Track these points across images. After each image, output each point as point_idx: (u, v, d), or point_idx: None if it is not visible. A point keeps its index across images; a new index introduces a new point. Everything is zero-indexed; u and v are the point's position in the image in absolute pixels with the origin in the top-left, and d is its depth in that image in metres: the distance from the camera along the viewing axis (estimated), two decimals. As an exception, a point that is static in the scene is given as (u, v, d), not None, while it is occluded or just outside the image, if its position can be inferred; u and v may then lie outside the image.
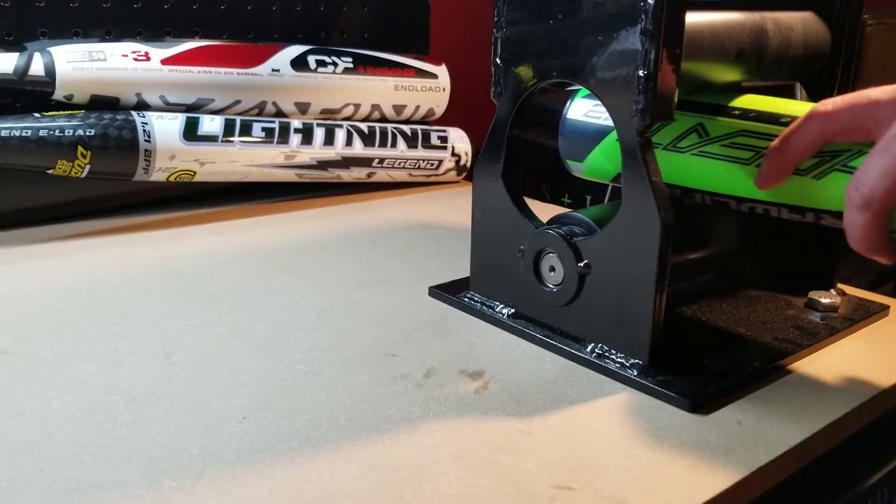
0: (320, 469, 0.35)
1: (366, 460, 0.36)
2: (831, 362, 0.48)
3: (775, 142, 0.44)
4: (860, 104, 0.40)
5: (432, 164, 0.86)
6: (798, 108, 0.46)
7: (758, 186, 0.46)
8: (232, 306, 0.54)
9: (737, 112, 0.48)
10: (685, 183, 0.49)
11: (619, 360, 0.45)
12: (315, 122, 0.78)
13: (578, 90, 0.54)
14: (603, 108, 0.51)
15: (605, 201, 0.89)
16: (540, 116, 0.63)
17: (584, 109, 0.53)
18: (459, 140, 0.88)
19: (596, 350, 0.46)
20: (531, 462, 0.37)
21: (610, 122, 0.50)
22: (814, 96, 0.55)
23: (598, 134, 0.52)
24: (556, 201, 0.96)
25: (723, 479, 0.36)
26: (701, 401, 0.42)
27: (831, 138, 0.42)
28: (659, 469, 0.36)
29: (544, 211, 0.53)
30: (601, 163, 0.52)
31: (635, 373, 0.44)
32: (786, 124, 0.45)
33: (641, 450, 0.38)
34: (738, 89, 0.51)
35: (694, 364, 0.45)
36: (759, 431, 0.40)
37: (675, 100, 0.42)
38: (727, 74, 0.50)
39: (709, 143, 0.48)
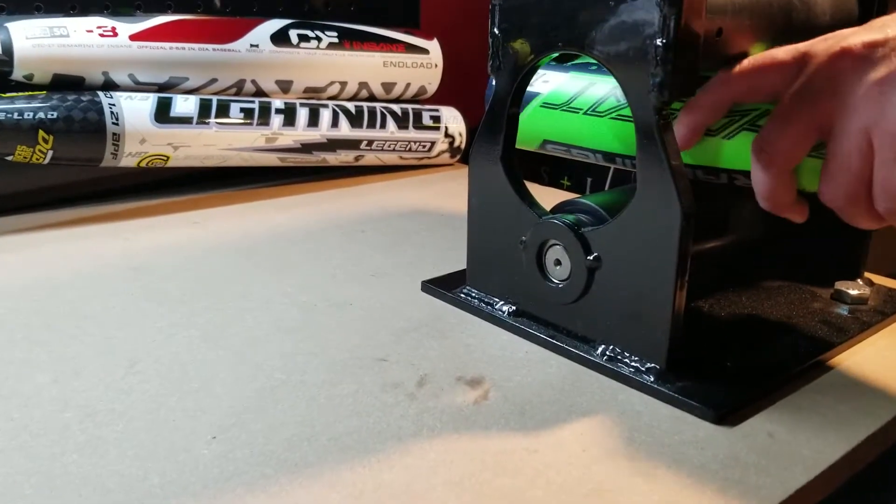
0: (298, 500, 0.31)
1: (350, 488, 0.32)
2: (864, 361, 0.44)
3: (685, 104, 0.42)
4: (764, 64, 0.40)
5: (424, 146, 0.81)
6: None
7: None
8: (206, 305, 0.49)
9: None
10: (602, 147, 0.47)
11: (633, 363, 0.41)
12: (298, 101, 0.74)
13: None
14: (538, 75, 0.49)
15: (608, 183, 0.85)
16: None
17: None
18: (453, 120, 0.83)
19: (607, 352, 0.42)
20: (539, 487, 0.32)
21: (532, 89, 0.48)
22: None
23: (524, 101, 0.49)
24: (555, 184, 0.91)
25: (758, 506, 0.31)
26: (727, 410, 0.37)
27: (739, 99, 0.41)
28: (684, 493, 0.32)
29: (545, 195, 0.49)
30: (526, 129, 0.49)
31: (652, 378, 0.39)
32: None
33: (663, 470, 0.34)
34: None
35: (716, 367, 0.41)
36: (794, 446, 0.35)
37: (699, 73, 0.38)
38: (747, 45, 0.45)
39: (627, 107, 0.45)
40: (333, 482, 0.32)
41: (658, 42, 0.36)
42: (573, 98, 0.47)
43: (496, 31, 0.44)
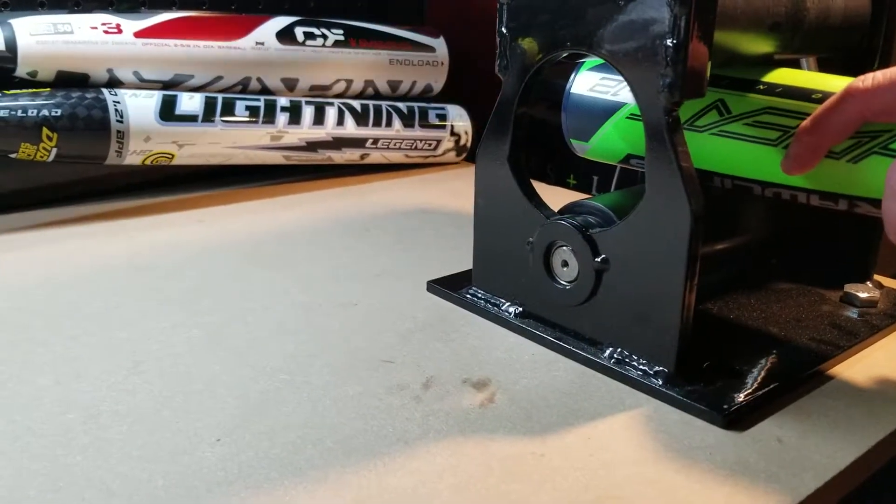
0: (302, 503, 0.31)
1: (356, 493, 0.31)
2: (874, 365, 0.43)
3: (806, 122, 0.39)
4: None
5: (430, 145, 0.81)
6: (831, 82, 0.41)
7: (785, 171, 0.41)
8: (209, 306, 0.49)
9: (762, 87, 0.43)
10: (703, 165, 0.44)
11: (641, 366, 0.40)
12: (303, 99, 0.73)
13: (584, 62, 0.49)
14: (611, 82, 0.47)
15: (614, 182, 0.84)
16: (543, 90, 0.58)
17: (589, 83, 0.48)
18: (459, 118, 0.83)
19: (615, 355, 0.41)
20: (546, 492, 0.32)
21: (618, 98, 0.46)
22: (852, 70, 0.49)
23: (606, 111, 0.47)
24: (561, 182, 0.91)
25: (768, 513, 0.31)
26: (736, 415, 0.37)
27: (871, 118, 0.38)
28: (693, 499, 0.32)
29: (551, 195, 0.48)
30: (609, 143, 0.47)
31: (660, 382, 0.39)
32: (818, 101, 0.40)
33: (671, 475, 0.33)
34: (768, 62, 0.46)
35: (725, 370, 0.41)
36: (804, 451, 0.35)
37: (708, 74, 0.37)
38: (760, 46, 0.45)
39: (730, 122, 0.43)
40: (338, 486, 0.32)
41: (668, 42, 0.36)
42: None
43: (504, 30, 0.44)
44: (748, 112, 0.42)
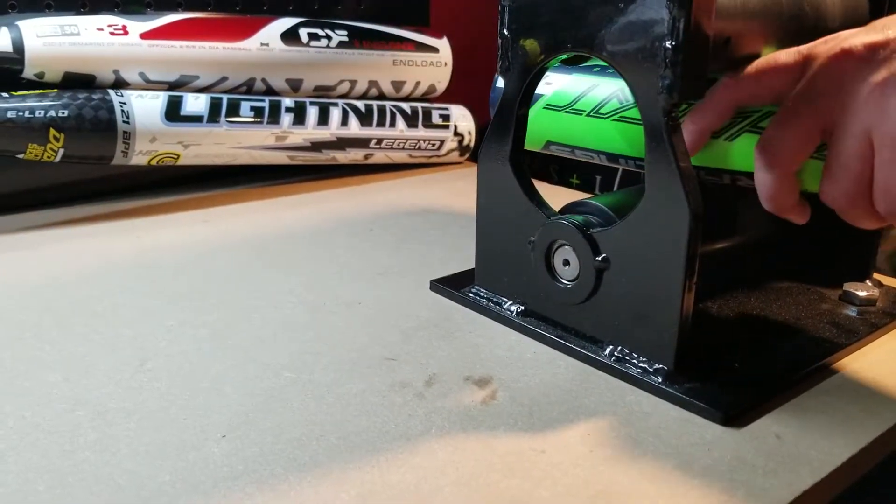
0: (307, 499, 0.31)
1: (359, 488, 0.32)
2: (873, 363, 0.43)
3: (690, 110, 0.42)
4: (767, 67, 0.40)
5: (434, 145, 0.81)
6: None
7: None
8: (215, 304, 0.49)
9: None
10: (606, 149, 0.47)
11: (641, 364, 0.41)
12: (308, 100, 0.74)
13: None
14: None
15: (616, 182, 0.85)
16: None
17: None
18: (462, 118, 0.83)
19: (615, 353, 0.42)
20: (546, 488, 0.32)
21: (537, 91, 0.48)
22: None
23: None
24: (564, 182, 0.91)
25: (765, 508, 0.31)
26: (735, 412, 0.37)
27: (743, 103, 0.41)
28: (691, 495, 0.32)
29: (553, 194, 0.49)
30: (530, 131, 0.49)
31: (660, 379, 0.40)
32: None
33: (670, 472, 0.34)
34: None
35: (724, 368, 0.41)
36: (801, 448, 0.35)
37: (707, 75, 0.38)
38: (757, 47, 0.45)
39: (630, 108, 0.45)
40: (342, 481, 0.32)
41: (667, 44, 0.36)
42: (576, 100, 0.48)
43: (505, 31, 0.44)
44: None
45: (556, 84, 0.49)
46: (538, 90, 0.48)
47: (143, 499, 0.31)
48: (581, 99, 0.48)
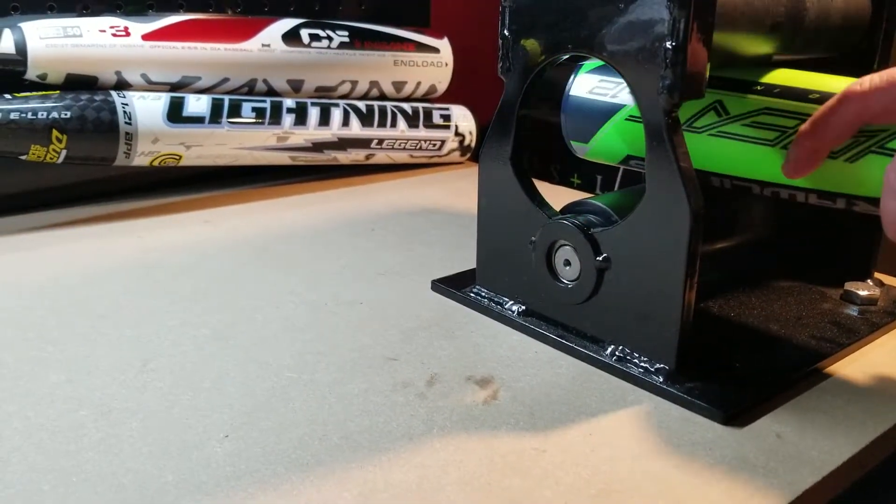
0: (309, 499, 0.31)
1: (361, 487, 0.32)
2: (874, 363, 0.44)
3: (806, 125, 0.39)
4: None
5: (435, 145, 0.82)
6: (828, 82, 0.42)
7: (786, 175, 0.41)
8: (217, 304, 0.49)
9: (759, 88, 0.43)
10: (702, 166, 0.44)
11: (642, 364, 0.41)
12: (309, 100, 0.74)
13: (583, 64, 0.49)
14: (610, 84, 0.47)
15: (617, 182, 0.85)
16: (547, 91, 0.59)
17: (588, 85, 0.49)
18: (463, 118, 0.83)
19: (616, 353, 0.42)
20: (548, 487, 0.32)
21: (617, 100, 0.46)
22: (852, 71, 0.50)
23: (605, 112, 0.47)
24: (565, 182, 0.91)
25: (766, 507, 0.31)
26: (735, 411, 0.38)
27: (869, 120, 0.38)
28: (693, 494, 0.32)
29: (554, 194, 0.49)
30: (608, 144, 0.48)
31: (661, 379, 0.40)
32: (815, 101, 0.41)
33: (671, 471, 0.34)
34: (768, 63, 0.46)
35: (725, 368, 0.41)
36: (802, 447, 0.36)
37: (707, 75, 0.38)
38: (759, 47, 0.45)
39: (728, 123, 0.43)
40: (344, 481, 0.32)
41: (668, 44, 0.37)
42: None
43: (506, 32, 0.45)
44: (746, 113, 0.43)
45: None
46: (619, 100, 0.46)
47: (147, 498, 0.31)
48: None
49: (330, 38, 0.75)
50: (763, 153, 0.42)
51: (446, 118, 0.82)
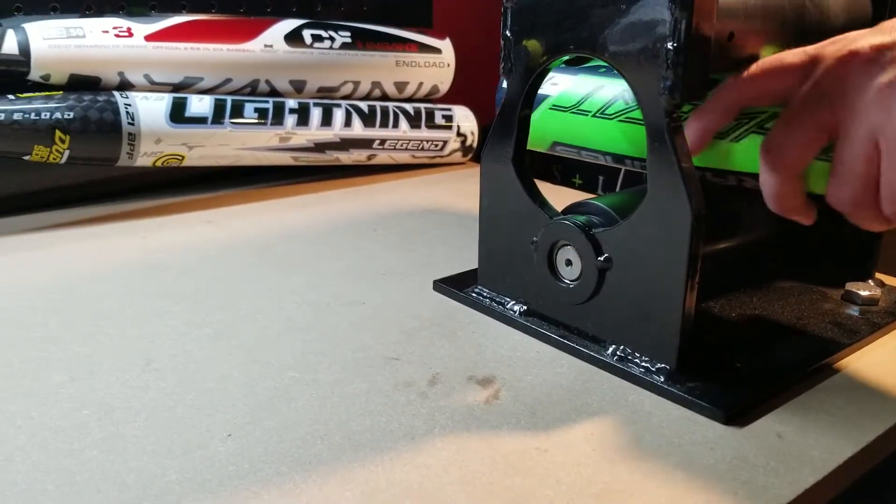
0: (311, 498, 0.31)
1: (364, 486, 0.32)
2: (874, 363, 0.44)
3: (694, 110, 0.42)
4: (773, 68, 0.40)
5: (436, 145, 0.82)
6: None
7: None
8: (219, 304, 0.49)
9: None
10: (616, 150, 0.47)
11: (643, 363, 0.41)
12: (311, 101, 0.74)
13: None
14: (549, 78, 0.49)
15: (619, 182, 0.85)
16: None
17: None
18: (465, 119, 0.83)
19: (617, 353, 0.42)
20: (549, 487, 0.33)
21: (542, 92, 0.48)
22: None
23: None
24: (567, 182, 0.91)
25: (767, 507, 0.32)
26: (736, 411, 0.38)
27: (748, 103, 0.41)
28: (693, 494, 0.32)
29: (556, 195, 0.49)
30: (535, 132, 0.49)
31: (662, 379, 0.40)
32: None
33: (672, 470, 0.34)
34: None
35: (726, 368, 0.41)
36: (802, 447, 0.36)
37: (709, 76, 0.38)
38: (758, 48, 0.45)
39: (636, 110, 0.45)
40: (346, 480, 0.33)
41: (669, 45, 0.37)
42: (582, 100, 0.48)
43: (508, 33, 0.45)
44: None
45: (561, 85, 0.49)
46: (544, 90, 0.49)
47: (150, 497, 0.31)
48: (587, 100, 0.48)
49: (332, 39, 0.75)
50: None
51: (448, 118, 0.82)
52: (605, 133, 0.47)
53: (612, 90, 0.47)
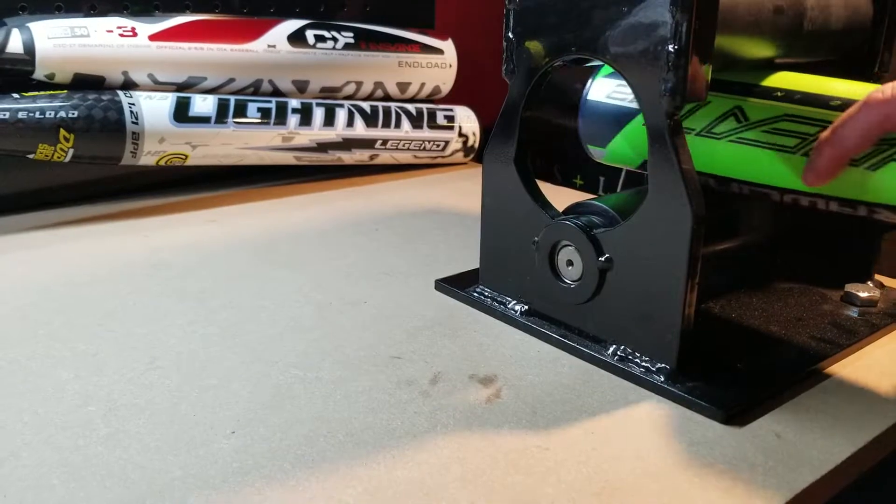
0: (315, 495, 0.32)
1: (366, 484, 0.33)
2: (873, 363, 0.44)
3: (826, 133, 0.39)
4: None
5: (438, 145, 0.82)
6: (846, 88, 0.42)
7: (806, 183, 0.41)
8: (223, 303, 0.50)
9: (779, 94, 0.43)
10: (721, 171, 0.44)
11: (643, 363, 0.41)
12: (314, 101, 0.74)
13: (600, 68, 0.50)
14: (627, 88, 0.47)
15: (620, 183, 0.85)
16: (552, 92, 0.59)
17: (606, 90, 0.49)
18: (467, 119, 0.84)
19: (618, 352, 0.42)
20: (550, 485, 0.33)
21: (634, 105, 0.47)
22: (854, 73, 0.50)
23: (623, 117, 0.48)
24: (568, 183, 0.92)
25: (765, 505, 0.32)
26: (736, 411, 0.38)
27: (891, 128, 0.37)
28: (692, 493, 0.33)
29: (557, 195, 0.49)
30: (626, 149, 0.48)
31: (662, 378, 0.40)
32: (837, 108, 0.40)
33: (672, 469, 0.34)
34: (770, 66, 0.46)
35: (725, 368, 0.42)
36: (801, 446, 0.36)
37: (709, 78, 0.38)
38: (761, 50, 0.46)
39: (748, 129, 0.43)
40: (349, 477, 0.33)
41: (670, 47, 0.37)
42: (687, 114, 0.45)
43: (511, 34, 0.45)
44: (766, 119, 0.43)
45: None
46: (636, 104, 0.45)
47: (154, 493, 0.32)
48: (690, 115, 0.45)
49: (335, 40, 0.76)
50: (783, 160, 0.42)
51: (450, 119, 0.82)
52: (710, 154, 0.44)
53: (719, 106, 0.44)
